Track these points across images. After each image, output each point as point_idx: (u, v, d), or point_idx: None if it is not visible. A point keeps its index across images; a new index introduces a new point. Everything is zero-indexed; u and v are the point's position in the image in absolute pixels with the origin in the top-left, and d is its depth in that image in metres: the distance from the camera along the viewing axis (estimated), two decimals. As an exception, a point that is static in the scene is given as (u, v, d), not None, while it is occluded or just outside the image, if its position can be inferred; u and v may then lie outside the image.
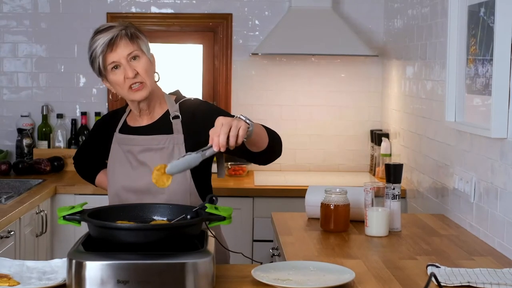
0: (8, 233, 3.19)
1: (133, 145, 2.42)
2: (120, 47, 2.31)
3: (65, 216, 2.00)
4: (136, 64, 2.33)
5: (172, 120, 2.41)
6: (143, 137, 2.41)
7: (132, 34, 2.34)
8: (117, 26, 2.34)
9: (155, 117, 2.44)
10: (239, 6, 4.62)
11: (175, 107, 2.44)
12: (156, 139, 2.40)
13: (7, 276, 2.00)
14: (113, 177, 2.46)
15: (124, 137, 2.45)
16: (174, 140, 2.38)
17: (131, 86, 2.33)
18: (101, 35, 2.32)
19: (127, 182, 2.41)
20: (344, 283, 2.01)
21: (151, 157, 2.38)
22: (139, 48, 2.34)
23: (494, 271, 2.17)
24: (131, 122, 2.48)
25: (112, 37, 2.30)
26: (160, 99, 2.45)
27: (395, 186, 2.75)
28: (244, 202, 4.01)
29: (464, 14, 2.95)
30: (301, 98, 4.67)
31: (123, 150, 2.44)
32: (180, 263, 1.84)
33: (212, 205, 2.02)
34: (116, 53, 2.31)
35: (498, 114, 2.53)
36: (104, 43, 2.30)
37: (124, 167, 2.43)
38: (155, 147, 2.39)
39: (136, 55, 2.33)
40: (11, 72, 4.64)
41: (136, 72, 2.32)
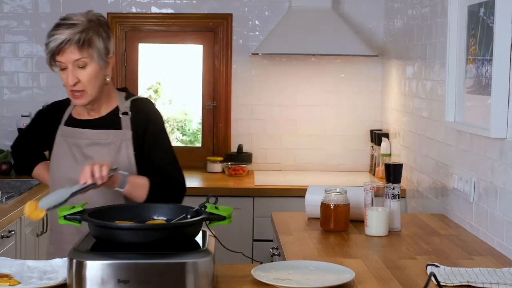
0: (9, 233, 3.19)
1: (80, 138, 2.42)
2: (67, 53, 2.29)
3: (66, 215, 2.00)
4: (80, 72, 2.32)
5: (121, 115, 2.42)
6: (90, 131, 2.42)
7: (85, 41, 2.30)
8: (78, 25, 2.30)
9: (103, 112, 2.45)
10: (239, 6, 4.62)
11: (125, 103, 2.45)
12: (104, 133, 2.40)
13: (8, 275, 2.00)
14: (57, 169, 2.45)
15: (70, 130, 2.45)
16: (123, 135, 2.39)
17: (73, 91, 2.35)
18: (59, 30, 2.30)
19: (70, 174, 2.39)
20: (344, 282, 2.01)
21: (98, 151, 2.39)
22: (88, 55, 2.31)
23: (493, 271, 2.17)
24: (77, 115, 2.48)
25: (63, 41, 2.28)
26: (109, 96, 2.45)
27: (395, 186, 2.76)
28: (244, 202, 4.01)
29: (464, 14, 2.95)
30: (301, 98, 4.67)
31: (68, 143, 2.43)
32: (180, 263, 1.84)
33: (212, 205, 2.03)
34: (63, 57, 2.30)
35: (498, 114, 2.53)
36: (56, 44, 2.29)
37: (67, 160, 2.42)
38: (103, 141, 2.39)
39: (84, 64, 2.31)
40: (11, 72, 4.64)
41: (78, 80, 2.32)
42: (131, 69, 4.65)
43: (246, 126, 4.67)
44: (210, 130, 4.70)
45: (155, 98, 4.84)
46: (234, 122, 4.67)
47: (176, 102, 4.88)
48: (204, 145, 4.71)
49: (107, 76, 2.39)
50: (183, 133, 4.90)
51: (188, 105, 4.89)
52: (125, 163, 2.37)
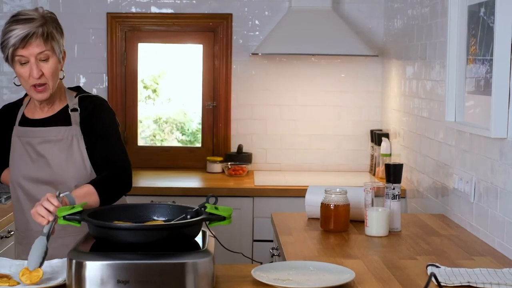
0: (8, 233, 3.19)
1: (32, 137, 2.44)
2: (33, 46, 2.31)
3: (65, 216, 2.00)
4: (43, 65, 2.34)
5: (70, 112, 2.45)
6: (41, 129, 2.44)
7: (48, 34, 2.33)
8: (37, 20, 2.33)
9: (55, 110, 2.47)
10: (239, 6, 4.62)
11: (74, 100, 2.48)
12: (54, 130, 2.43)
13: (7, 276, 2.00)
14: (14, 169, 2.47)
15: (23, 129, 2.47)
16: (73, 131, 2.43)
17: (35, 85, 2.36)
18: (18, 26, 2.31)
19: (28, 173, 2.43)
20: (344, 283, 2.01)
21: (50, 148, 2.42)
22: (51, 49, 2.34)
23: (494, 271, 2.17)
24: (30, 114, 2.50)
25: (28, 34, 2.29)
26: (61, 94, 2.49)
27: (395, 186, 2.76)
28: (244, 202, 4.01)
29: (464, 14, 2.95)
30: (301, 98, 4.67)
31: (22, 142, 2.46)
32: (180, 263, 1.84)
33: (212, 205, 2.03)
34: (27, 50, 2.31)
35: (498, 114, 2.53)
36: (19, 38, 2.29)
37: (23, 159, 2.45)
38: (54, 138, 2.42)
39: (47, 57, 2.34)
40: (11, 72, 4.60)
41: (42, 73, 2.34)
42: (131, 69, 4.65)
43: (246, 126, 4.67)
44: (210, 130, 4.69)
45: (154, 98, 4.84)
46: (234, 122, 4.67)
47: (175, 102, 4.87)
48: (204, 145, 4.71)
49: (62, 71, 2.43)
50: (183, 133, 4.89)
51: (188, 105, 4.88)
52: (77, 158, 2.41)
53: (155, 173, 4.47)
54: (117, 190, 2.39)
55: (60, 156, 2.40)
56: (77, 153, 2.41)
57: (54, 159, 2.41)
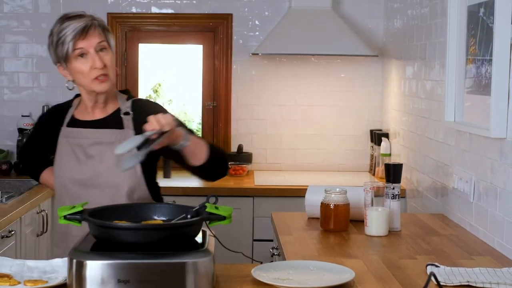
0: (9, 233, 3.19)
1: (82, 138, 2.41)
2: (93, 36, 2.32)
3: (66, 215, 2.00)
4: (103, 55, 2.34)
5: (122, 116, 2.42)
6: (93, 130, 2.41)
7: (104, 26, 2.38)
8: (87, 16, 2.37)
9: (107, 112, 2.45)
10: (239, 6, 4.62)
11: (126, 104, 2.45)
12: (106, 132, 2.40)
13: (8, 275, 2.01)
14: (60, 170, 2.43)
15: (73, 131, 2.44)
16: (125, 135, 2.38)
17: (97, 77, 2.34)
18: (72, 21, 2.33)
19: (74, 175, 2.39)
20: (344, 282, 2.01)
21: (100, 150, 2.38)
22: (107, 40, 2.37)
23: (493, 271, 2.18)
24: (80, 116, 2.47)
25: (86, 25, 2.32)
26: (113, 95, 2.47)
27: (394, 186, 2.76)
28: (244, 202, 4.01)
29: (464, 14, 2.95)
30: (301, 98, 4.67)
31: (70, 144, 2.42)
32: (180, 263, 1.85)
33: (212, 205, 2.03)
34: (87, 41, 2.32)
35: (498, 114, 2.53)
36: (77, 29, 2.31)
37: (70, 160, 2.41)
38: (106, 140, 2.38)
39: (104, 47, 2.35)
40: (12, 72, 4.64)
41: (104, 63, 2.34)
42: (131, 69, 4.65)
43: (246, 126, 4.68)
44: (210, 130, 4.70)
45: (155, 98, 4.84)
46: (234, 122, 4.67)
47: (176, 102, 4.88)
48: (204, 145, 4.71)
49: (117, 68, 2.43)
50: (183, 133, 4.89)
51: (188, 105, 4.89)
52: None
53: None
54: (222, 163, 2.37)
55: (111, 158, 2.34)
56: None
57: (104, 161, 2.36)
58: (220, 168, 2.39)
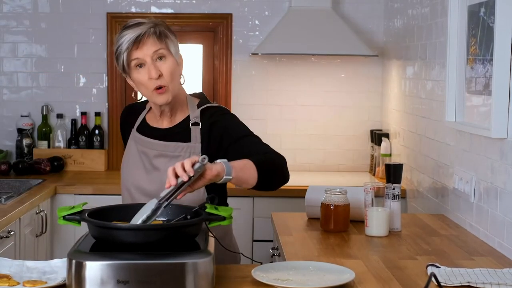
0: (8, 233, 3.19)
1: (148, 148, 2.38)
2: (147, 44, 2.23)
3: (65, 216, 2.00)
4: (161, 64, 2.26)
5: (191, 126, 2.35)
6: (159, 143, 2.36)
7: (161, 32, 2.26)
8: (147, 23, 2.27)
9: (176, 121, 2.39)
10: (239, 6, 4.62)
11: (196, 112, 2.37)
12: (172, 146, 2.34)
13: (7, 276, 2.00)
14: (127, 175, 2.41)
15: (140, 138, 2.41)
16: (191, 149, 2.33)
17: (156, 88, 2.26)
18: (129, 30, 2.25)
19: (140, 184, 2.37)
20: (344, 283, 2.01)
21: (165, 163, 2.32)
22: (166, 47, 2.27)
23: (494, 271, 2.17)
24: (151, 121, 2.43)
25: (139, 34, 2.23)
26: (182, 102, 2.39)
27: (395, 186, 2.75)
28: (244, 202, 4.01)
29: (464, 14, 2.95)
30: (301, 98, 4.67)
31: (138, 150, 2.40)
32: (180, 263, 1.84)
33: (212, 205, 2.02)
34: (142, 51, 2.24)
35: (498, 114, 2.53)
36: (131, 39, 2.22)
37: (138, 168, 2.39)
38: (171, 154, 2.34)
39: (162, 55, 2.26)
40: (11, 72, 4.64)
41: (160, 73, 2.25)
42: (131, 69, 4.64)
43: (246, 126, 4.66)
44: (210, 130, 4.69)
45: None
46: (234, 122, 4.66)
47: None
48: (204, 145, 4.71)
49: (182, 76, 2.35)
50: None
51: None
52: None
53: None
54: (277, 173, 2.23)
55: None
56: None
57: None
58: (277, 181, 2.26)
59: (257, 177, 2.15)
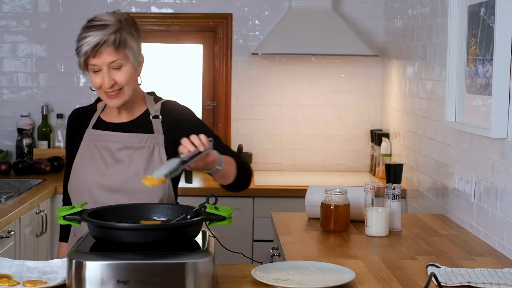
0: (8, 233, 3.19)
1: (111, 141, 2.35)
2: (104, 54, 2.23)
3: (65, 216, 2.00)
4: (116, 73, 2.25)
5: (152, 119, 2.37)
6: (124, 135, 2.35)
7: (120, 42, 2.25)
8: (110, 25, 2.27)
9: (135, 115, 2.39)
10: (239, 6, 4.62)
11: (155, 106, 2.40)
12: (137, 137, 2.34)
13: (7, 276, 2.00)
14: (85, 174, 2.35)
15: (100, 133, 2.38)
16: (155, 139, 2.34)
17: (107, 92, 2.28)
18: (91, 33, 2.24)
19: (101, 180, 2.32)
20: (344, 283, 2.01)
21: (130, 155, 2.32)
22: (124, 57, 2.25)
23: (494, 271, 2.17)
24: (107, 118, 2.41)
25: (98, 43, 2.22)
26: (140, 98, 2.41)
27: (395, 186, 2.75)
28: (244, 202, 4.01)
29: (464, 14, 2.95)
30: (301, 98, 4.67)
31: (97, 147, 2.36)
32: (180, 263, 1.84)
33: (212, 205, 2.02)
34: (99, 59, 2.23)
35: (498, 114, 2.53)
36: (90, 46, 2.22)
37: (96, 164, 2.35)
38: (136, 145, 2.34)
39: (119, 65, 2.25)
40: (11, 72, 4.64)
41: (114, 82, 2.26)
42: (131, 69, 4.64)
43: (246, 126, 4.67)
44: (210, 130, 4.69)
45: (155, 98, 4.83)
46: (234, 122, 4.67)
47: (176, 102, 4.87)
48: (204, 145, 4.70)
49: (139, 77, 2.36)
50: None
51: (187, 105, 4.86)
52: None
53: (155, 173, 4.46)
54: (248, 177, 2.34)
55: (140, 163, 2.30)
56: (158, 162, 2.31)
57: (133, 166, 2.31)
58: (245, 183, 2.36)
59: (234, 177, 2.27)
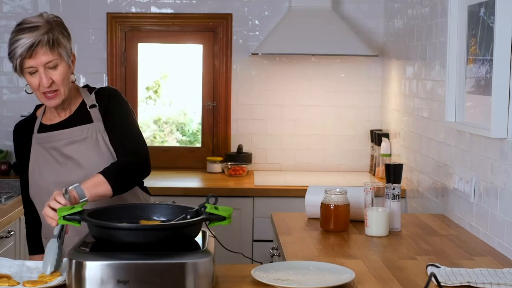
0: (8, 233, 3.19)
1: (56, 140, 2.40)
2: (39, 54, 2.26)
3: (65, 216, 2.00)
4: (53, 72, 2.29)
5: (89, 109, 2.41)
6: (64, 131, 2.40)
7: (54, 41, 2.28)
8: (41, 27, 2.28)
9: (72, 110, 2.43)
10: (239, 6, 4.62)
11: (90, 97, 2.44)
12: (78, 130, 2.39)
13: (7, 276, 2.00)
14: (39, 176, 2.40)
15: (44, 135, 2.43)
16: (96, 128, 2.38)
17: (45, 93, 2.32)
18: (23, 35, 2.26)
19: (56, 178, 2.37)
20: (344, 283, 2.01)
21: (76, 149, 2.37)
22: (59, 56, 2.29)
23: (494, 271, 2.17)
24: (48, 122, 2.46)
25: (33, 44, 2.24)
26: (75, 93, 2.44)
27: (395, 186, 2.75)
28: (244, 202, 4.01)
29: (464, 14, 2.95)
30: (301, 98, 4.67)
31: (45, 148, 2.41)
32: (180, 263, 1.84)
33: (212, 205, 2.02)
34: (34, 60, 2.26)
35: (498, 114, 2.53)
36: (25, 47, 2.24)
37: (50, 164, 2.39)
38: (79, 138, 2.38)
39: (55, 65, 2.29)
40: (11, 72, 4.59)
41: (52, 81, 2.30)
42: (131, 69, 4.65)
43: (246, 126, 4.67)
44: (210, 130, 4.69)
45: (154, 98, 4.84)
46: (234, 122, 4.67)
47: (176, 102, 4.87)
48: (204, 145, 4.71)
49: (73, 75, 2.40)
50: (183, 133, 4.89)
51: (188, 105, 4.88)
52: (106, 153, 2.36)
53: (156, 173, 4.45)
54: (131, 176, 2.32)
55: (89, 155, 2.35)
56: (104, 148, 2.37)
57: (84, 159, 2.36)
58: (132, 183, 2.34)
59: (111, 189, 2.22)
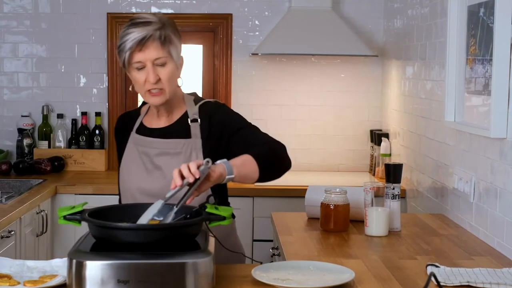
0: (9, 233, 3.19)
1: (149, 147, 2.37)
2: (150, 48, 2.23)
3: (66, 216, 2.00)
4: (160, 70, 2.26)
5: (190, 123, 2.36)
6: (160, 140, 2.36)
7: (165, 37, 2.26)
8: (154, 23, 2.26)
9: (174, 119, 2.39)
10: (239, 6, 4.62)
11: (194, 109, 2.38)
12: (173, 143, 2.34)
13: (8, 276, 2.00)
14: (129, 179, 2.40)
15: (140, 138, 2.40)
16: (192, 144, 2.33)
17: (150, 90, 2.28)
18: (135, 29, 2.23)
19: (142, 185, 2.35)
20: (344, 283, 2.01)
21: (167, 161, 2.33)
22: (168, 54, 2.27)
23: (493, 271, 2.17)
24: (148, 123, 2.43)
25: (144, 37, 2.22)
26: (179, 100, 2.41)
27: (394, 186, 2.76)
28: (244, 202, 4.01)
29: (464, 14, 2.95)
30: (301, 98, 4.67)
31: (138, 151, 2.39)
32: (180, 263, 1.84)
33: (212, 205, 2.03)
34: (144, 54, 2.23)
35: (498, 114, 2.53)
36: (135, 40, 2.21)
37: (139, 169, 2.37)
38: (172, 151, 2.34)
39: (164, 62, 2.26)
40: (11, 72, 4.64)
41: (159, 78, 2.26)
42: (131, 69, 4.65)
43: (246, 126, 4.67)
44: (210, 130, 4.69)
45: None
46: (234, 122, 4.66)
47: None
48: (204, 145, 4.71)
49: (180, 79, 2.36)
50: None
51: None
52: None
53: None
54: (277, 163, 2.25)
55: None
56: None
57: (170, 172, 2.21)
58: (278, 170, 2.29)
59: (258, 170, 2.17)
